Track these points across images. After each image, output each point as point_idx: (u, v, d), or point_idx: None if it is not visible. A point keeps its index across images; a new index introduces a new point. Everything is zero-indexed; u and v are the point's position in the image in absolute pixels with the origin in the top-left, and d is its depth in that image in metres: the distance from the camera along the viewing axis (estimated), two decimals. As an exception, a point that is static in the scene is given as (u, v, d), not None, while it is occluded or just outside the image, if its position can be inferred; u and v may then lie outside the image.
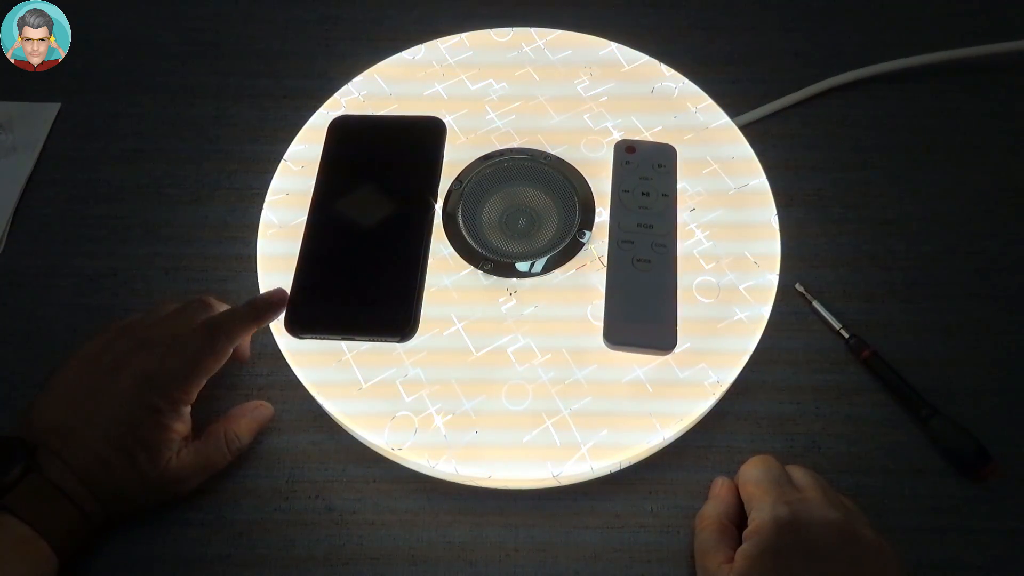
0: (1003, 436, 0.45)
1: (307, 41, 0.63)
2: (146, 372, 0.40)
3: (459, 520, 0.44)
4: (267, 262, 0.46)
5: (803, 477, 0.41)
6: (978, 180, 0.55)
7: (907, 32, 0.62)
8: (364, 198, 0.46)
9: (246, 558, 0.43)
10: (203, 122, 0.58)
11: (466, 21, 0.57)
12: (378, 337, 0.42)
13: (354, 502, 0.44)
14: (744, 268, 0.45)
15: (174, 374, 0.40)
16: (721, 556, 0.39)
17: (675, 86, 0.51)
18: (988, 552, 0.43)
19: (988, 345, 0.49)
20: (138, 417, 0.40)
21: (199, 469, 0.42)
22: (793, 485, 0.40)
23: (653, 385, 0.42)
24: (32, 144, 0.57)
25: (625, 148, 0.47)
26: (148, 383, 0.40)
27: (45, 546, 0.38)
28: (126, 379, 0.40)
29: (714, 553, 0.39)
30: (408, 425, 0.41)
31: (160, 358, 0.40)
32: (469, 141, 0.50)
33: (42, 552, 0.38)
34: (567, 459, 0.40)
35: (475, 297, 0.44)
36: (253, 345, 0.48)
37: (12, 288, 0.52)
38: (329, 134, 0.49)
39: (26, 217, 0.55)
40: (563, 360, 0.42)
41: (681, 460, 0.45)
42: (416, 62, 0.52)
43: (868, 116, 0.58)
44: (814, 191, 0.55)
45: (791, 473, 0.42)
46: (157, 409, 0.40)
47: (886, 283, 0.51)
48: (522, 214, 0.48)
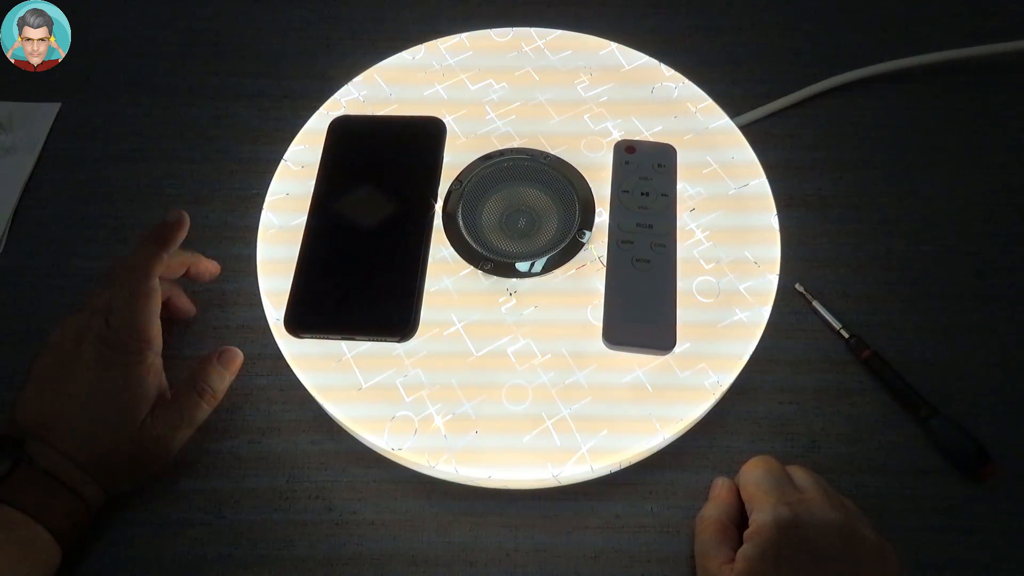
0: (1003, 436, 0.45)
1: (307, 41, 0.63)
2: (99, 334, 0.41)
3: (459, 521, 0.44)
4: (267, 263, 0.46)
5: (804, 478, 0.41)
6: (978, 180, 0.55)
7: (907, 32, 0.62)
8: (364, 199, 0.47)
9: (246, 558, 0.43)
10: (203, 122, 0.58)
11: (466, 21, 0.57)
12: (378, 337, 0.42)
13: (354, 503, 0.44)
14: (744, 269, 0.45)
15: (118, 324, 0.41)
16: (722, 557, 0.39)
17: (675, 86, 0.51)
18: (988, 552, 0.43)
19: (988, 345, 0.49)
20: (105, 380, 0.41)
21: (178, 423, 0.42)
22: (794, 486, 0.40)
23: (653, 386, 0.42)
24: (32, 144, 0.57)
25: (625, 148, 0.47)
26: (103, 343, 0.41)
27: (43, 531, 0.38)
28: (87, 349, 0.41)
29: (715, 554, 0.39)
30: (408, 426, 0.41)
31: (104, 316, 0.42)
32: (469, 141, 0.49)
33: (40, 538, 0.38)
34: (567, 460, 0.40)
35: (475, 298, 0.44)
36: (252, 346, 0.48)
37: (12, 288, 0.52)
38: (329, 135, 0.49)
39: (26, 217, 0.55)
40: (563, 361, 0.42)
41: (681, 461, 0.45)
42: (416, 62, 0.52)
43: (868, 116, 0.58)
44: (814, 191, 0.55)
45: (792, 474, 0.42)
46: (119, 364, 0.41)
47: (886, 283, 0.51)
48: (522, 214, 0.48)
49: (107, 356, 0.41)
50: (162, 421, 0.42)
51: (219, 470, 0.45)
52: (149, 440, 0.41)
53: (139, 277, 0.42)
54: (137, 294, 0.42)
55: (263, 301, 0.44)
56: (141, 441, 0.41)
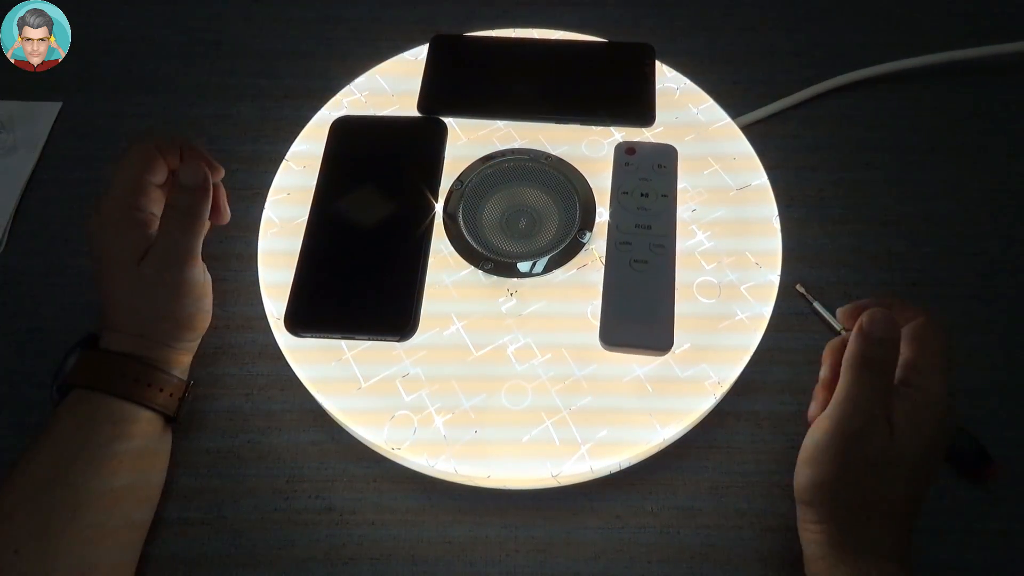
0: (1003, 436, 0.45)
1: (308, 41, 0.63)
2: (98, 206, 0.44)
3: (459, 519, 0.44)
4: (268, 260, 0.46)
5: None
6: (978, 180, 0.55)
7: (907, 32, 0.62)
8: (365, 198, 0.47)
9: (246, 558, 0.43)
10: (204, 122, 0.58)
11: (466, 21, 0.57)
12: (378, 336, 0.42)
13: (354, 501, 0.44)
14: (745, 268, 0.45)
15: (109, 189, 0.44)
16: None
17: (677, 86, 0.51)
18: (988, 552, 0.43)
19: (988, 345, 0.49)
20: (97, 241, 0.43)
21: (171, 254, 0.43)
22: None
23: (653, 384, 0.42)
24: (32, 144, 0.57)
25: (625, 149, 0.47)
26: (97, 216, 0.43)
27: (106, 398, 0.41)
28: (95, 227, 0.44)
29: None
30: (408, 424, 0.41)
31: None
32: (470, 141, 0.50)
33: (107, 404, 0.41)
34: (567, 458, 0.40)
35: (475, 297, 0.44)
36: (252, 345, 0.48)
37: (12, 288, 0.52)
38: (331, 134, 0.49)
39: (26, 217, 0.55)
40: (563, 359, 0.42)
41: (681, 460, 0.45)
42: (417, 62, 0.52)
43: (869, 116, 0.58)
44: (815, 191, 0.55)
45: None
46: (109, 222, 0.43)
47: (886, 283, 0.51)
48: (523, 214, 0.48)
49: (99, 222, 0.43)
50: (154, 258, 0.42)
51: (219, 470, 0.45)
52: (151, 279, 0.42)
53: (129, 148, 0.44)
54: (122, 159, 0.44)
55: (264, 300, 0.44)
56: (146, 283, 0.42)
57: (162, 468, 0.44)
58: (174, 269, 0.43)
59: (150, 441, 0.43)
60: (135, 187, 0.43)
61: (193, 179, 0.44)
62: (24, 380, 0.48)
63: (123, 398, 0.41)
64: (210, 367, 0.48)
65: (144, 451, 0.42)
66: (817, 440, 0.38)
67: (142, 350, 0.43)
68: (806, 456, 0.38)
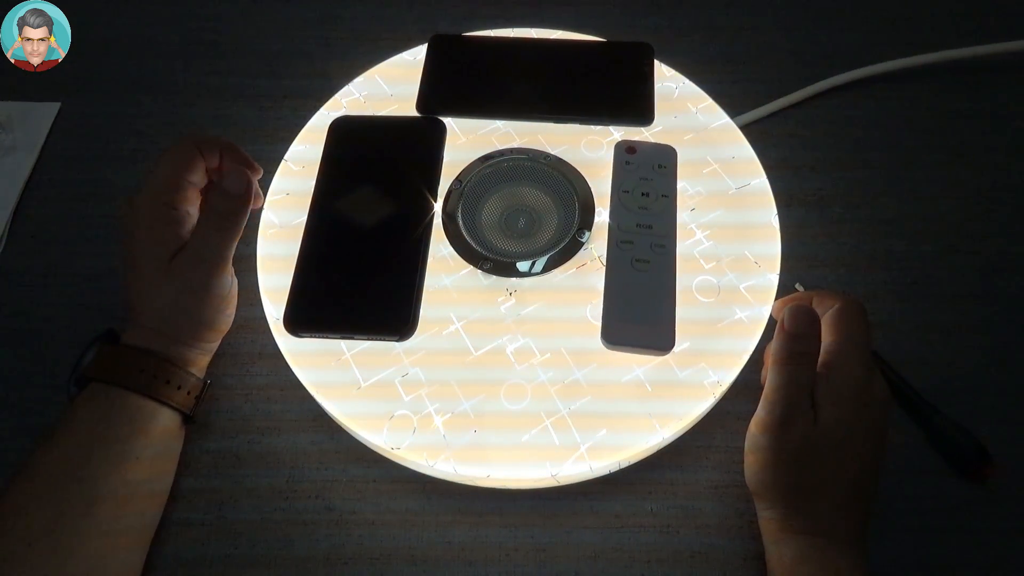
0: (1003, 436, 0.45)
1: (307, 41, 0.63)
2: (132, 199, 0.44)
3: (458, 520, 0.44)
4: (267, 262, 0.46)
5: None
6: (978, 180, 0.55)
7: (907, 32, 0.62)
8: (364, 198, 0.46)
9: (246, 558, 0.43)
10: (203, 122, 0.58)
11: (466, 21, 0.57)
12: (377, 336, 0.42)
13: (354, 502, 0.44)
14: (744, 268, 0.45)
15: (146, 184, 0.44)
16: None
17: (675, 86, 0.51)
18: (988, 552, 0.43)
19: (988, 345, 0.49)
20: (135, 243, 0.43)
21: (201, 255, 0.43)
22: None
23: (653, 385, 0.42)
24: (32, 144, 0.57)
25: (625, 149, 0.47)
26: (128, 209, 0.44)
27: (125, 393, 0.41)
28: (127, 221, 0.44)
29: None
30: (407, 425, 0.41)
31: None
32: (469, 141, 0.50)
33: (125, 400, 0.41)
34: (566, 459, 0.40)
35: (474, 297, 0.44)
36: (252, 346, 0.48)
37: (12, 288, 0.52)
38: (330, 134, 0.49)
39: (26, 217, 0.55)
40: (562, 360, 0.42)
41: (681, 461, 0.45)
42: (417, 63, 0.52)
43: (868, 116, 0.58)
44: (814, 191, 0.55)
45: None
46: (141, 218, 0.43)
47: (886, 283, 0.51)
48: (522, 214, 0.48)
49: (132, 216, 0.43)
50: (186, 257, 0.43)
51: (219, 470, 0.45)
52: (180, 277, 0.42)
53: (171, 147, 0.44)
54: (163, 156, 0.44)
55: (263, 300, 0.45)
56: (174, 282, 0.42)
57: (174, 468, 0.44)
58: (204, 271, 0.43)
59: (166, 440, 0.43)
60: (173, 185, 0.43)
61: (237, 187, 0.44)
62: (24, 381, 0.48)
63: (141, 394, 0.41)
64: (210, 368, 0.48)
65: (160, 450, 0.42)
66: (752, 432, 0.41)
67: (162, 347, 0.43)
68: (746, 448, 0.41)
